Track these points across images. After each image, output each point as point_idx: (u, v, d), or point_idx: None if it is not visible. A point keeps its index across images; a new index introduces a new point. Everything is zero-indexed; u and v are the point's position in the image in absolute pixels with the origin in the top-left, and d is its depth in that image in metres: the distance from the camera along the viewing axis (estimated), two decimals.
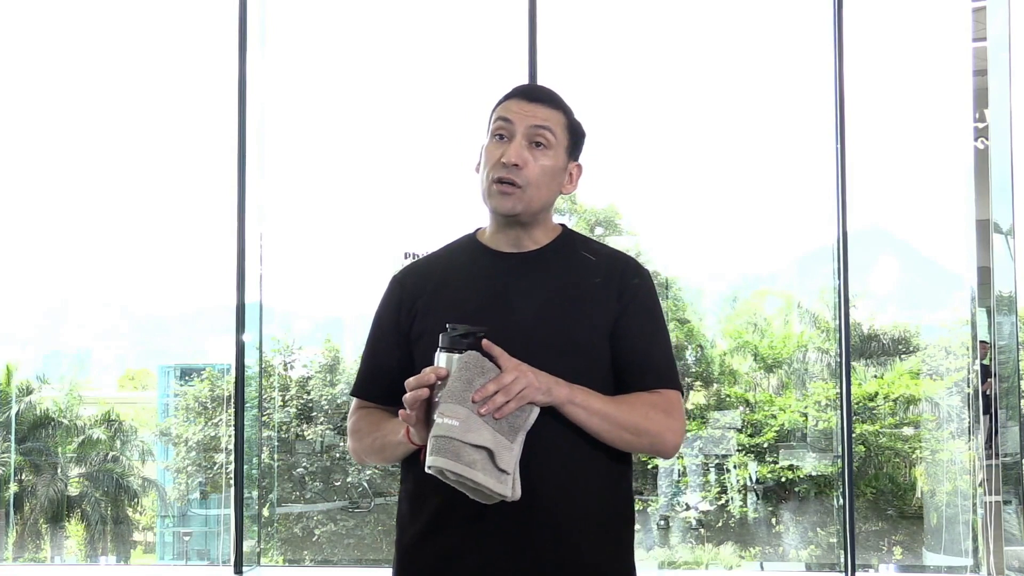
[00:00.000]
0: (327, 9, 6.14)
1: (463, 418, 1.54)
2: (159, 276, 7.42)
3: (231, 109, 4.94)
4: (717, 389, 7.49)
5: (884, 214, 6.61)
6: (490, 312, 1.70)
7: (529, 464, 1.64)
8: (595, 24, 6.18)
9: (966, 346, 5.34)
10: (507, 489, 1.56)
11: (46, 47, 6.50)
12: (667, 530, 6.72)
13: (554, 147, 1.76)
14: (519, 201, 1.74)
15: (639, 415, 1.69)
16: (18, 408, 7.96)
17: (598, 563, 1.71)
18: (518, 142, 1.74)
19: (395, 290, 1.86)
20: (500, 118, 1.76)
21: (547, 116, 1.76)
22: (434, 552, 1.71)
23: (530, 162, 1.73)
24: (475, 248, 1.83)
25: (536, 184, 1.74)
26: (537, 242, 1.80)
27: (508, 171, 1.73)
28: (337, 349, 7.60)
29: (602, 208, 7.58)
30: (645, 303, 1.78)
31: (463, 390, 1.55)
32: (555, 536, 1.66)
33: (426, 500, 1.72)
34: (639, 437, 1.69)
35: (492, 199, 1.75)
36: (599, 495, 1.72)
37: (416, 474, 1.71)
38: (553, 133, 1.76)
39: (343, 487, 7.16)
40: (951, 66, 4.99)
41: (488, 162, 1.76)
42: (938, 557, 5.85)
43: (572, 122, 1.81)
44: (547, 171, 1.76)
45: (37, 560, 7.84)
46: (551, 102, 1.79)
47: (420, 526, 1.73)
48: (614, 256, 1.82)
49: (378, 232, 6.42)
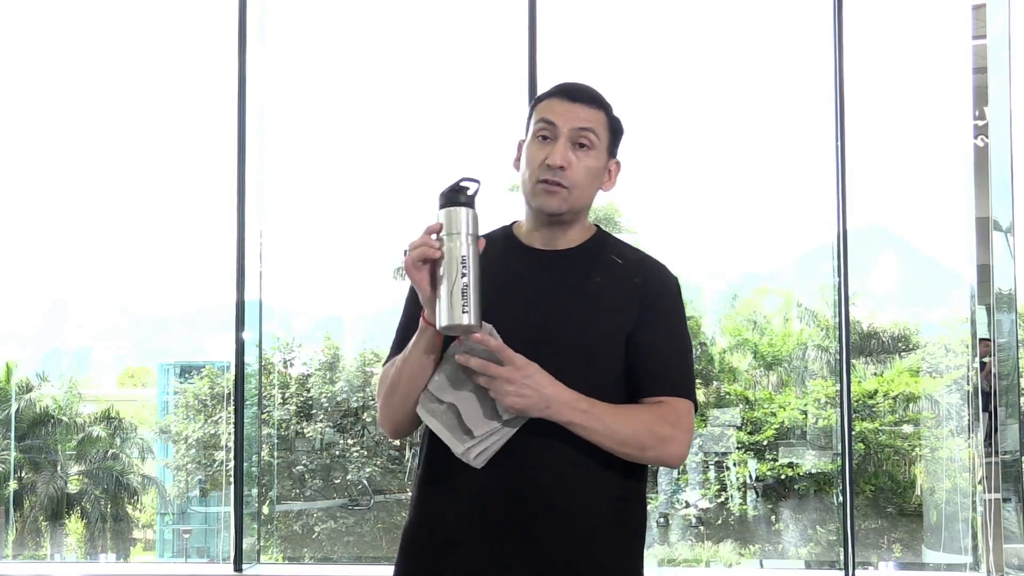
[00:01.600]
0: (327, 7, 6.14)
1: (450, 374, 1.64)
2: (159, 274, 7.43)
3: (231, 107, 4.93)
4: (717, 387, 7.50)
5: (884, 212, 6.62)
6: (507, 307, 1.69)
7: (535, 461, 1.66)
8: (595, 23, 6.18)
9: (965, 344, 5.34)
10: (460, 448, 1.63)
11: (46, 46, 6.50)
12: (667, 528, 6.72)
13: (597, 147, 1.76)
14: (564, 201, 1.74)
15: (644, 430, 1.68)
16: (18, 406, 7.97)
17: (603, 563, 1.70)
18: (562, 144, 1.73)
19: None
20: (543, 119, 1.76)
21: (589, 117, 1.76)
22: (437, 541, 1.72)
23: (574, 163, 1.74)
24: (508, 241, 1.83)
25: (581, 185, 1.75)
26: (570, 242, 1.79)
27: (553, 173, 1.73)
28: (337, 347, 7.61)
29: (602, 206, 7.57)
30: (666, 311, 1.76)
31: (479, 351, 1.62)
32: (560, 535, 1.67)
33: (435, 490, 1.73)
34: (643, 452, 1.69)
35: (538, 198, 1.75)
36: (607, 494, 1.71)
37: (430, 462, 1.72)
38: (596, 134, 1.76)
39: (343, 485, 7.16)
40: (951, 64, 4.99)
41: (532, 163, 1.76)
42: (937, 555, 5.85)
43: (612, 119, 1.81)
44: (591, 171, 1.76)
45: (37, 557, 7.85)
46: (593, 101, 1.78)
47: (425, 514, 1.75)
48: (642, 261, 1.80)
49: (378, 230, 6.42)
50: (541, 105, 1.79)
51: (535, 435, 1.66)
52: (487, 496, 1.67)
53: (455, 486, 1.70)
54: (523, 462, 1.67)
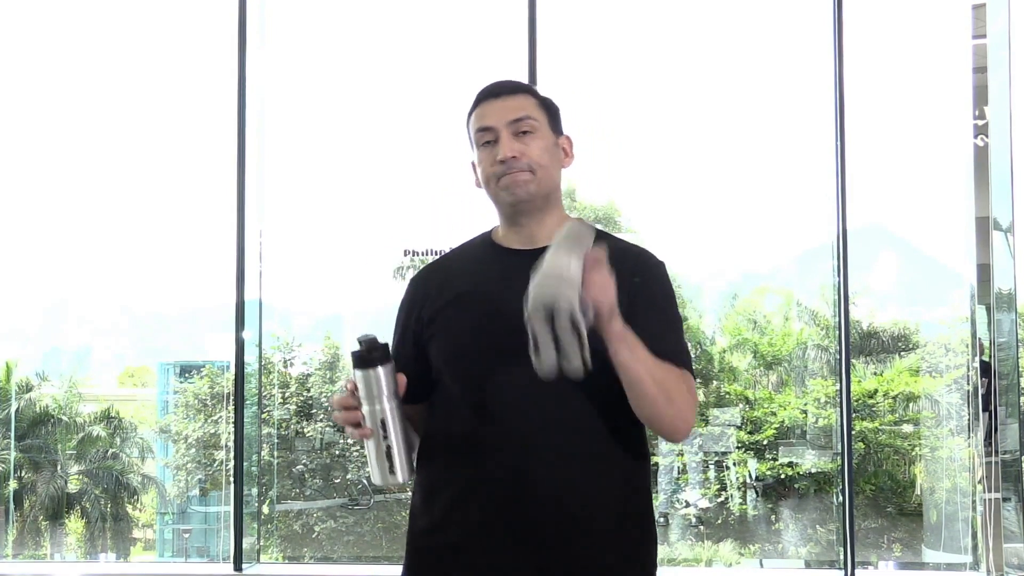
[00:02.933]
0: (327, 6, 6.14)
1: None
2: (159, 273, 7.42)
3: (230, 106, 4.93)
4: (717, 386, 7.50)
5: (884, 211, 6.61)
6: (495, 319, 1.68)
7: (539, 464, 1.65)
8: (595, 23, 6.18)
9: (965, 343, 5.34)
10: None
11: (46, 45, 6.49)
12: (667, 527, 6.72)
13: (539, 130, 1.77)
14: (532, 182, 1.74)
15: (673, 380, 1.65)
16: (18, 405, 7.96)
17: (610, 564, 1.69)
18: (505, 138, 1.74)
19: (409, 291, 1.88)
20: (479, 128, 1.78)
21: (519, 105, 1.77)
22: (443, 545, 1.71)
23: (526, 149, 1.74)
24: (487, 247, 1.83)
25: (542, 164, 1.75)
26: (549, 237, 1.74)
27: (509, 166, 1.73)
28: (337, 346, 7.60)
29: (601, 205, 7.58)
30: (653, 295, 1.75)
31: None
32: (564, 535, 1.65)
33: (438, 493, 1.72)
34: (669, 405, 1.64)
35: (505, 191, 1.75)
36: (614, 494, 1.70)
37: (429, 467, 1.72)
38: (532, 117, 1.77)
39: (343, 484, 7.16)
40: (951, 63, 4.99)
41: (486, 167, 1.77)
42: (937, 554, 5.85)
43: (542, 100, 1.82)
44: (544, 150, 1.76)
45: (37, 557, 7.85)
46: (517, 90, 1.80)
47: (431, 518, 1.74)
48: (625, 251, 1.78)
49: (378, 229, 6.42)
50: (472, 118, 1.80)
51: (537, 435, 1.66)
52: (490, 498, 1.67)
53: (457, 491, 1.70)
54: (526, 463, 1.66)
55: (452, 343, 1.75)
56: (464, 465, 1.69)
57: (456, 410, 1.72)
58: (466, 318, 1.72)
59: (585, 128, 7.09)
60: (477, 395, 1.69)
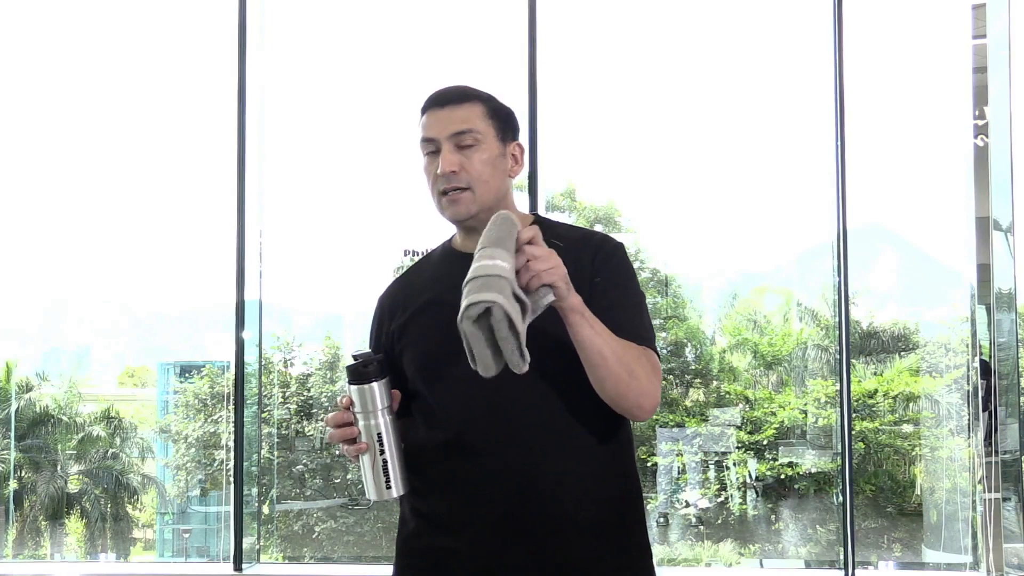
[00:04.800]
0: (327, 7, 6.14)
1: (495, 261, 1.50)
2: (159, 273, 7.43)
3: (230, 106, 4.93)
4: (717, 386, 7.50)
5: (884, 211, 6.62)
6: (454, 320, 1.62)
7: (524, 459, 1.65)
8: (595, 22, 6.18)
9: (965, 343, 5.34)
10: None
11: (46, 46, 6.49)
12: (666, 527, 6.72)
13: (483, 141, 1.74)
14: (472, 203, 1.73)
15: (633, 356, 1.64)
16: (18, 405, 7.97)
17: (601, 557, 1.69)
18: (446, 151, 1.73)
19: (376, 310, 1.89)
20: (423, 139, 1.77)
21: (464, 116, 1.75)
22: (433, 547, 1.72)
23: (465, 163, 1.72)
24: (447, 254, 1.83)
25: (480, 179, 1.73)
26: None
27: (448, 180, 1.72)
28: (337, 346, 7.61)
29: (601, 205, 7.58)
30: (612, 272, 1.73)
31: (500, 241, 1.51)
32: (554, 531, 1.66)
33: (427, 496, 1.73)
34: (632, 380, 1.62)
35: (445, 211, 1.76)
36: (599, 482, 1.70)
37: (417, 470, 1.72)
38: (476, 129, 1.74)
39: (343, 484, 7.16)
40: (951, 63, 4.99)
41: (429, 180, 1.77)
42: (937, 554, 5.85)
43: (494, 107, 1.78)
44: (486, 164, 1.74)
45: (37, 557, 7.85)
46: (464, 98, 1.77)
47: (420, 521, 1.74)
48: (581, 239, 1.77)
49: (378, 229, 6.42)
50: (420, 124, 1.79)
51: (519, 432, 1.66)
52: (481, 497, 1.67)
53: (445, 495, 1.70)
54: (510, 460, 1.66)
55: (422, 351, 1.76)
56: (448, 469, 1.70)
57: (433, 416, 1.73)
58: (433, 326, 1.72)
59: (585, 128, 7.10)
60: (451, 399, 1.70)
